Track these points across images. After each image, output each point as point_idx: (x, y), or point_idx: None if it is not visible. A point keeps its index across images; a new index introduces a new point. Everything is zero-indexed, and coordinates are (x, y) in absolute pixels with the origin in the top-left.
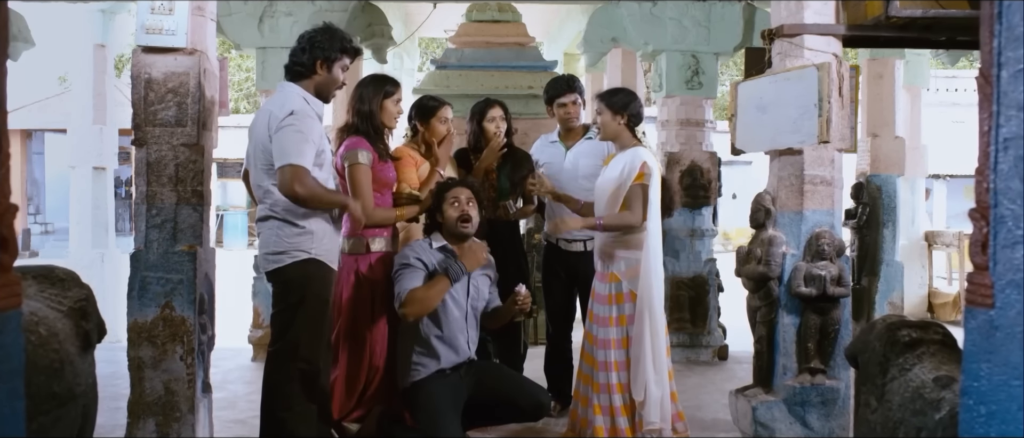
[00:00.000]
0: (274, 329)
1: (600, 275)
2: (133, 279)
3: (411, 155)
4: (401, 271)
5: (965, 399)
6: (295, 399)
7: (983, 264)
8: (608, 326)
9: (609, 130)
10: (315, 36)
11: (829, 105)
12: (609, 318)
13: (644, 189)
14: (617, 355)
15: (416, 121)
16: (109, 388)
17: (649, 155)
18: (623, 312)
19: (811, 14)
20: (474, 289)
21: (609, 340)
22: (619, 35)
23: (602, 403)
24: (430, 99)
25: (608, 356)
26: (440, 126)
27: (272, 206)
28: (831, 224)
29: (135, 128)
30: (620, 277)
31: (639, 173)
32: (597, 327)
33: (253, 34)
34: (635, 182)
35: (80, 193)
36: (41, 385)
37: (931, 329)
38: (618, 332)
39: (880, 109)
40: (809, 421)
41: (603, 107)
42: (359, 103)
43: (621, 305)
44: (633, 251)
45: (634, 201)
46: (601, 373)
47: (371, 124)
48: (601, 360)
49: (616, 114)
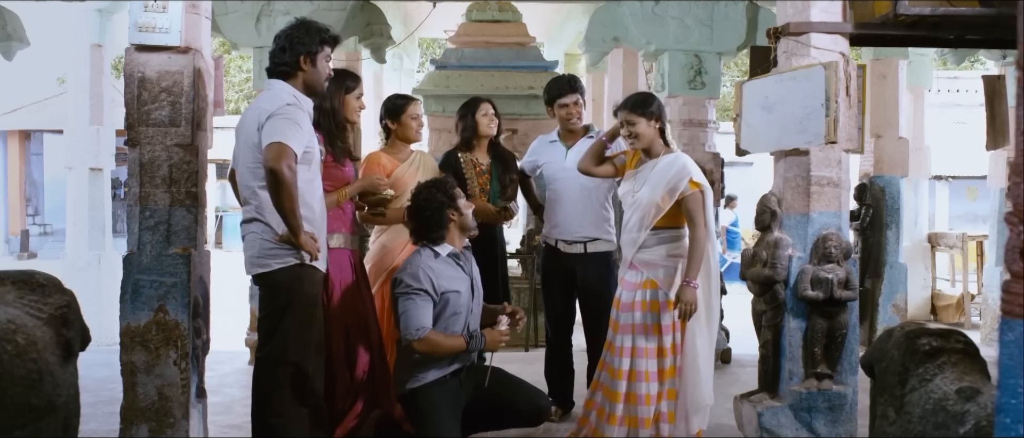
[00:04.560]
0: (262, 334)
1: (630, 284)
2: (126, 282)
3: (380, 164)
4: (412, 297)
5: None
6: (286, 404)
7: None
8: (636, 335)
9: (645, 138)
10: (292, 33)
11: (836, 105)
12: (643, 326)
13: (703, 196)
14: (648, 365)
15: (387, 121)
16: (103, 392)
17: (691, 160)
18: (659, 321)
19: (818, 12)
20: (478, 292)
21: (641, 349)
22: (621, 34)
23: (619, 413)
24: (399, 97)
25: (638, 365)
26: (412, 122)
27: (259, 208)
28: (838, 226)
29: (128, 128)
30: (659, 284)
31: (693, 181)
32: (621, 336)
33: (250, 33)
34: (693, 190)
35: (77, 194)
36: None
37: (952, 337)
38: (655, 341)
39: (884, 110)
40: (816, 427)
41: (636, 117)
42: (321, 100)
43: (656, 313)
44: (675, 259)
45: (696, 212)
46: (621, 382)
47: (333, 121)
48: (624, 369)
49: (650, 121)
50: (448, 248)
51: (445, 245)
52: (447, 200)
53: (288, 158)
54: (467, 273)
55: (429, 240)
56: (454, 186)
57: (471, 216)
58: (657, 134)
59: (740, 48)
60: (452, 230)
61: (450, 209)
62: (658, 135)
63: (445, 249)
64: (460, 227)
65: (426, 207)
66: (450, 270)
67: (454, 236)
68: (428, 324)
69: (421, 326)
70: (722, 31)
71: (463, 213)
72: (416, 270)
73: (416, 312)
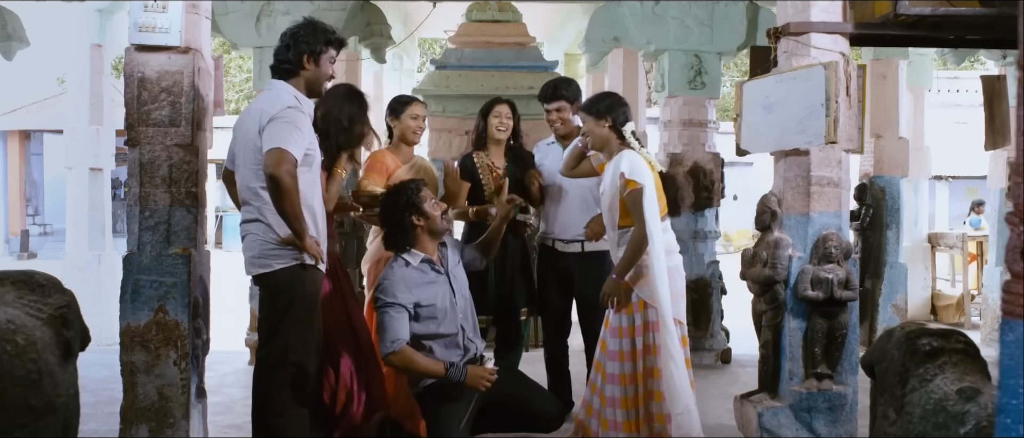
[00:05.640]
0: (262, 334)
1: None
2: (126, 282)
3: (383, 162)
4: (387, 311)
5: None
6: (286, 404)
7: (1020, 272)
8: (623, 337)
9: (597, 138)
10: (297, 31)
11: (836, 105)
12: (617, 328)
13: (638, 194)
14: (621, 367)
15: (389, 119)
16: (104, 392)
17: (634, 156)
18: (632, 323)
19: (818, 12)
20: (457, 282)
21: (615, 351)
22: (621, 34)
23: (608, 417)
24: (403, 97)
25: (625, 368)
26: (411, 122)
27: (260, 209)
28: (838, 226)
29: (128, 128)
30: (631, 285)
31: (628, 180)
32: (610, 336)
33: (250, 33)
34: (630, 189)
35: (77, 194)
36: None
37: (953, 337)
38: (628, 344)
39: (884, 110)
40: (816, 427)
41: (585, 115)
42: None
43: (631, 315)
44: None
45: (633, 210)
46: (608, 385)
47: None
48: (610, 372)
49: (599, 120)
50: (419, 256)
51: (415, 253)
52: (408, 207)
53: (288, 163)
54: (443, 273)
55: (398, 248)
56: (419, 190)
57: (441, 218)
58: (610, 133)
59: (740, 48)
60: (420, 235)
61: (413, 215)
62: (611, 134)
63: (416, 257)
64: (429, 231)
65: (389, 216)
66: (423, 278)
67: (424, 242)
68: (403, 337)
69: (396, 338)
70: (722, 31)
71: (430, 215)
72: (387, 283)
73: (391, 325)
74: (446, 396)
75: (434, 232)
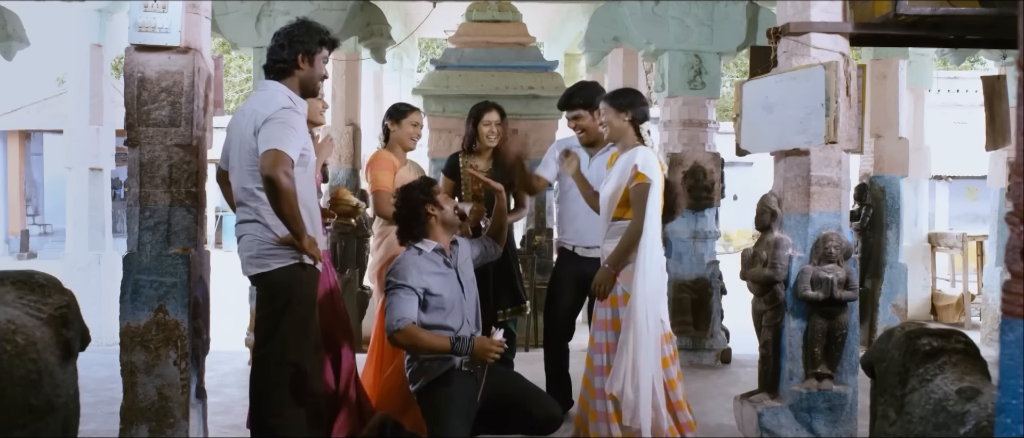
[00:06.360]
0: (259, 334)
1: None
2: (126, 282)
3: (390, 160)
4: (396, 292)
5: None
6: (284, 404)
7: (1020, 272)
8: (604, 329)
9: (614, 129)
10: (292, 31)
11: (836, 105)
12: (603, 321)
13: (645, 189)
14: (606, 360)
15: (388, 121)
16: (104, 392)
17: (649, 154)
18: (617, 316)
19: (818, 12)
20: (465, 278)
21: (601, 344)
22: (621, 34)
23: (598, 409)
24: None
25: (600, 360)
26: (411, 130)
27: (257, 210)
28: (838, 226)
29: (128, 128)
30: (618, 279)
31: (640, 172)
32: (597, 330)
33: (250, 33)
34: (637, 182)
35: (77, 194)
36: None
37: (953, 337)
38: (612, 336)
39: (884, 110)
40: (816, 427)
41: (607, 106)
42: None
43: (615, 308)
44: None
45: (636, 202)
46: (597, 378)
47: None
48: (597, 364)
49: (620, 112)
50: (432, 244)
51: (428, 241)
52: (424, 196)
53: (285, 165)
54: (453, 267)
55: (413, 238)
56: (433, 184)
57: (452, 212)
58: (628, 126)
59: (740, 48)
60: (434, 226)
61: (428, 204)
62: (629, 128)
63: (429, 245)
64: (442, 223)
65: (405, 205)
66: (433, 266)
67: (437, 232)
68: (410, 316)
69: (402, 317)
70: (722, 31)
71: (443, 207)
72: (399, 268)
73: (398, 305)
74: (446, 395)
75: (447, 224)
